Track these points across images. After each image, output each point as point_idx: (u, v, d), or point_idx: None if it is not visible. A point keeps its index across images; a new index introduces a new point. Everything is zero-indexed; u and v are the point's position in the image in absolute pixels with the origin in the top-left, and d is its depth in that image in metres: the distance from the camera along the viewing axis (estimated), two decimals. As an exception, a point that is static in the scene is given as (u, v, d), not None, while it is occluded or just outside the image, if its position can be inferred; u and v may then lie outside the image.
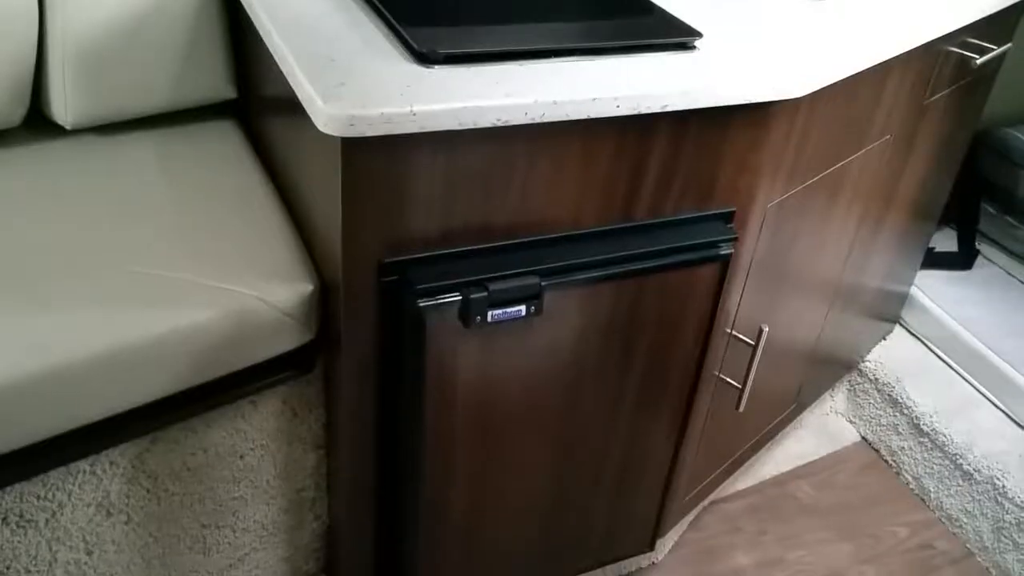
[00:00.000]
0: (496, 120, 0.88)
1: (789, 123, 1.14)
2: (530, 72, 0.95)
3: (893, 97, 1.38)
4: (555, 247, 1.04)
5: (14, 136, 1.27)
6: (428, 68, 0.93)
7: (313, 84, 0.87)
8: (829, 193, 1.37)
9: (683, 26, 1.10)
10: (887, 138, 1.45)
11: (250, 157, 1.30)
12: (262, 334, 1.05)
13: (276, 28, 0.99)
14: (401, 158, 0.90)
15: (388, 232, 0.94)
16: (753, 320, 1.35)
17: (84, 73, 1.22)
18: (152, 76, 1.27)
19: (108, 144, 1.28)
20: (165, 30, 1.25)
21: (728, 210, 1.15)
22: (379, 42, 0.98)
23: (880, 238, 1.70)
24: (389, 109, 0.84)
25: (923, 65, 1.42)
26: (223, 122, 1.39)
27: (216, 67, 1.32)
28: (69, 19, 1.18)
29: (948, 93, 1.59)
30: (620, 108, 0.94)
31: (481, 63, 0.95)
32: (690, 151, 1.06)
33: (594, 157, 1.00)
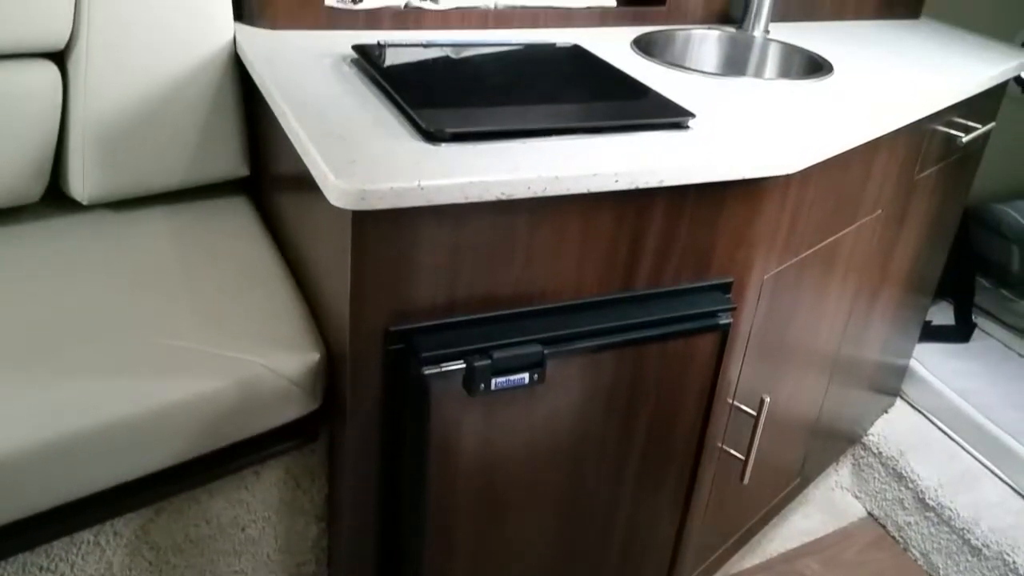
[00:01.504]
0: (500, 194, 0.92)
1: (782, 198, 1.18)
2: (532, 149, 0.99)
3: (883, 173, 1.43)
4: (557, 316, 1.06)
5: (32, 211, 1.31)
6: (435, 146, 0.97)
7: (326, 161, 0.91)
8: (824, 266, 1.41)
9: (677, 107, 1.15)
10: (879, 213, 1.49)
11: (261, 232, 1.34)
12: (269, 403, 1.07)
13: (291, 109, 1.04)
14: (409, 230, 0.93)
15: (394, 301, 0.97)
16: (755, 391, 1.37)
17: (103, 151, 1.27)
18: (169, 154, 1.32)
19: (123, 219, 1.32)
20: (184, 110, 1.31)
21: (726, 281, 1.18)
22: (389, 122, 1.03)
23: (877, 311, 1.72)
24: (398, 184, 0.88)
25: (911, 143, 1.47)
26: (236, 198, 1.43)
27: (231, 146, 1.37)
28: (92, 99, 1.24)
29: (937, 170, 1.64)
30: (619, 183, 0.98)
31: (486, 141, 1.00)
32: (687, 224, 1.10)
33: (594, 229, 1.04)
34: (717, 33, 1.64)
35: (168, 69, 1.27)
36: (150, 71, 1.26)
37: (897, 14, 1.92)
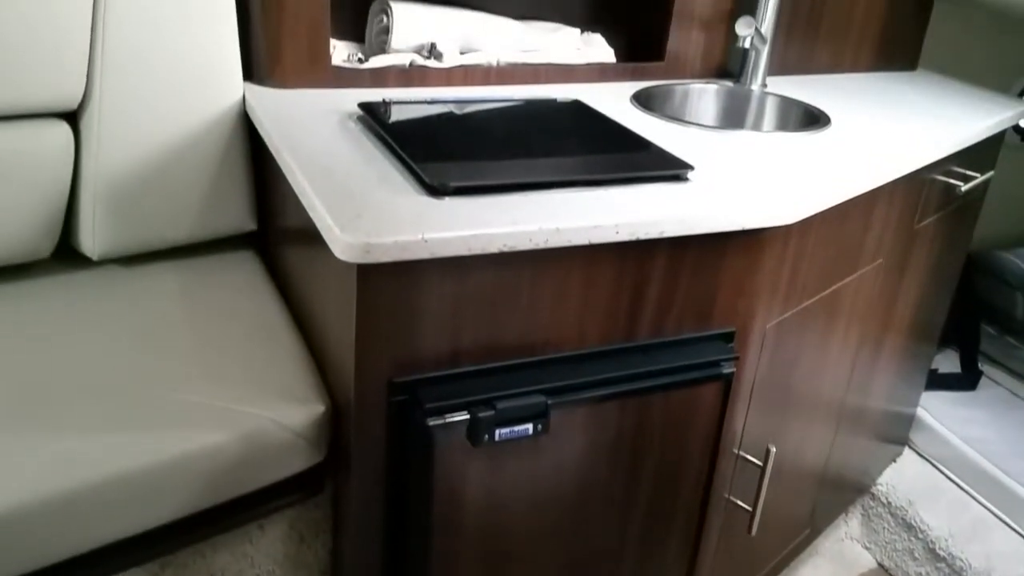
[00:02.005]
0: (503, 246, 0.94)
1: (782, 248, 1.19)
2: (534, 202, 1.01)
3: (882, 223, 1.44)
4: (561, 366, 1.07)
5: (42, 267, 1.33)
6: (439, 200, 0.99)
7: (332, 215, 0.93)
8: (827, 315, 1.41)
9: (676, 159, 1.17)
10: (879, 262, 1.50)
11: (267, 285, 1.36)
12: (274, 455, 1.07)
13: (298, 166, 1.06)
14: (413, 283, 0.95)
15: (399, 353, 0.98)
16: (760, 440, 1.36)
17: (114, 208, 1.29)
18: (178, 210, 1.35)
19: (132, 274, 1.34)
20: (193, 167, 1.33)
21: (728, 330, 1.19)
22: (393, 177, 1.05)
23: (882, 359, 1.72)
24: (403, 237, 0.89)
25: (909, 192, 1.49)
26: (243, 252, 1.45)
27: (239, 201, 1.40)
28: (103, 157, 1.26)
29: (937, 219, 1.66)
30: (619, 234, 1.00)
31: (489, 194, 1.02)
32: (688, 274, 1.11)
33: (596, 280, 1.05)
34: (715, 87, 1.67)
35: (179, 127, 1.30)
36: (161, 129, 1.29)
37: (894, 66, 1.96)
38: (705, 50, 1.68)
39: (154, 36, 1.24)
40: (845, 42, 1.84)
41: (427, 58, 1.47)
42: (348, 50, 1.49)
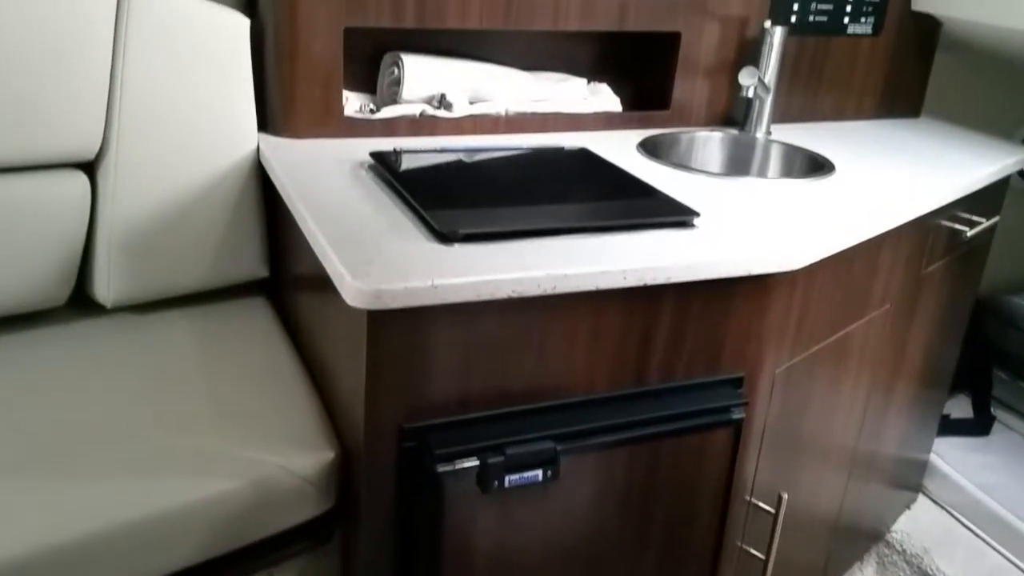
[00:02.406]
0: (512, 292, 0.95)
1: (789, 293, 1.20)
2: (543, 248, 1.02)
3: (889, 268, 1.45)
4: (570, 412, 1.07)
5: (57, 314, 1.35)
6: (448, 246, 1.01)
7: (343, 262, 0.94)
8: (836, 360, 1.41)
9: (682, 206, 1.19)
10: (887, 307, 1.51)
11: (279, 332, 1.37)
12: (283, 503, 1.07)
13: (311, 214, 1.08)
14: (423, 329, 0.96)
15: (409, 399, 0.99)
16: (772, 487, 1.36)
17: (128, 257, 1.32)
18: (192, 259, 1.37)
19: (145, 322, 1.36)
20: (207, 216, 1.36)
21: (737, 375, 1.19)
22: (404, 224, 1.07)
23: (893, 405, 1.72)
24: (412, 283, 0.91)
25: (915, 238, 1.50)
26: (255, 299, 1.47)
27: (252, 249, 1.42)
28: (119, 206, 1.29)
29: (944, 264, 1.66)
30: (627, 280, 1.01)
31: (497, 241, 1.03)
32: (696, 320, 1.12)
33: (605, 326, 1.06)
34: (720, 135, 1.69)
35: (194, 177, 1.33)
36: (176, 179, 1.32)
37: (897, 114, 1.98)
38: (710, 99, 1.71)
39: (171, 88, 1.28)
40: (848, 90, 1.87)
41: (437, 108, 1.50)
42: (360, 101, 1.52)
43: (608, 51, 1.71)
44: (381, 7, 1.38)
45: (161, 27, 1.24)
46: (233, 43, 1.31)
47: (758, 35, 1.68)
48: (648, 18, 1.58)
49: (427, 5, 1.40)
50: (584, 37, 1.68)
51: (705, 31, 1.64)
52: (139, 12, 1.23)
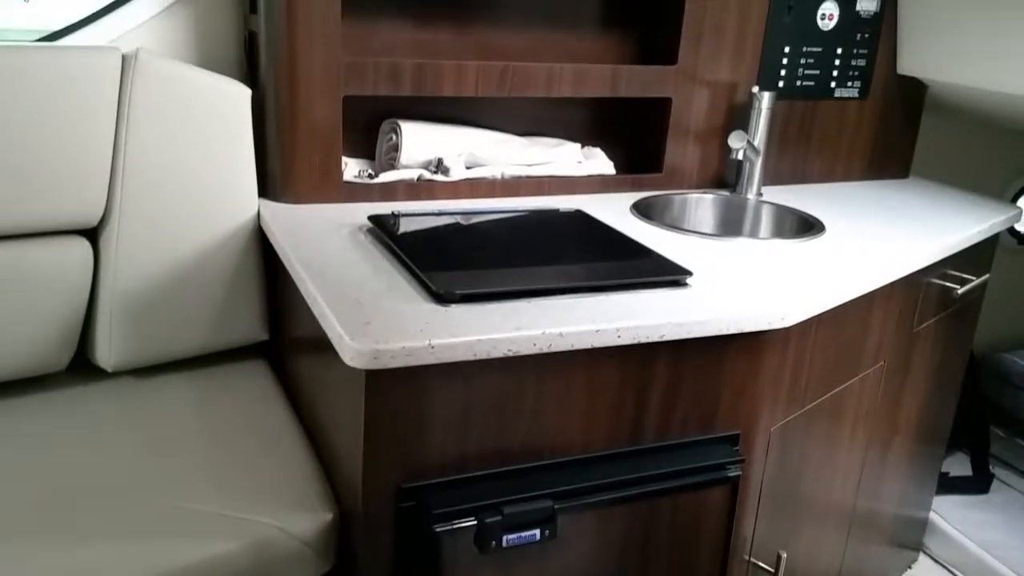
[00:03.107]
0: (508, 351, 0.96)
1: (782, 351, 1.21)
2: (538, 307, 1.04)
3: (881, 326, 1.47)
4: (567, 471, 1.08)
5: (58, 378, 1.36)
6: (445, 307, 1.02)
7: (342, 324, 0.96)
8: (832, 418, 1.42)
9: (676, 266, 1.21)
10: (881, 364, 1.52)
11: (277, 394, 1.38)
12: (282, 565, 1.07)
13: (310, 276, 1.10)
14: (420, 388, 0.97)
15: (406, 459, 0.99)
16: (771, 546, 1.35)
17: (130, 321, 1.33)
18: (192, 323, 1.38)
19: (145, 386, 1.37)
20: (208, 281, 1.38)
21: (733, 433, 1.20)
22: (401, 286, 1.09)
23: (890, 462, 1.72)
24: (410, 343, 0.92)
25: (906, 295, 1.52)
26: (253, 361, 1.48)
27: (251, 312, 1.44)
28: (121, 272, 1.31)
29: (936, 321, 1.68)
30: (621, 338, 1.02)
31: (493, 301, 1.05)
32: (691, 378, 1.13)
33: (600, 384, 1.07)
34: (712, 196, 1.73)
35: (195, 243, 1.35)
36: (178, 245, 1.34)
37: (886, 175, 2.02)
38: (701, 162, 1.75)
39: (174, 156, 1.31)
40: (837, 152, 1.91)
41: (434, 173, 1.53)
42: (359, 167, 1.55)
43: (601, 116, 1.76)
44: (379, 76, 1.42)
45: (165, 97, 1.28)
46: (235, 112, 1.35)
47: (747, 100, 1.73)
48: (639, 85, 1.63)
49: (424, 74, 1.45)
50: (577, 103, 1.73)
51: (695, 96, 1.69)
52: (144, 82, 1.26)
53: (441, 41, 1.57)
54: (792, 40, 1.74)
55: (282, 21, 1.33)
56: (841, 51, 1.80)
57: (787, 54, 1.75)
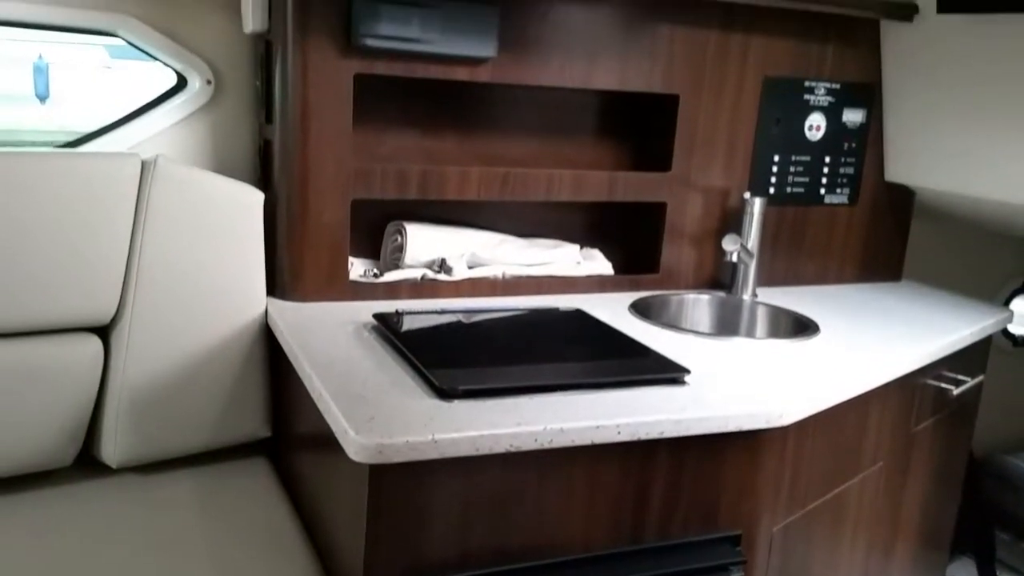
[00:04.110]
0: (509, 446, 0.98)
1: (781, 450, 1.23)
2: (539, 404, 1.06)
3: (878, 426, 1.48)
4: (567, 571, 1.07)
5: (62, 474, 1.37)
6: (448, 402, 1.04)
7: (347, 418, 0.98)
8: (833, 519, 1.42)
9: (674, 364, 1.23)
10: (880, 465, 1.52)
11: (279, 492, 1.38)
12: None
13: (316, 372, 1.12)
14: (423, 484, 0.98)
15: (408, 557, 0.99)
16: (775, 652, 1.33)
17: (136, 419, 1.35)
18: (197, 420, 1.40)
19: (148, 482, 1.37)
20: (214, 378, 1.40)
21: (735, 533, 1.20)
22: (405, 381, 1.11)
23: (894, 567, 1.69)
24: (413, 438, 0.94)
25: (902, 396, 1.54)
26: (256, 459, 1.48)
27: (255, 410, 1.45)
28: (130, 370, 1.33)
29: (933, 422, 1.69)
30: (621, 434, 1.04)
31: (495, 397, 1.07)
32: (691, 475, 1.14)
33: (601, 481, 1.08)
34: (708, 297, 1.77)
35: (204, 340, 1.38)
36: (187, 342, 1.37)
37: (878, 277, 2.06)
38: (697, 263, 1.80)
39: (187, 257, 1.35)
40: (829, 256, 1.96)
41: (438, 272, 1.58)
42: (364, 266, 1.60)
43: (599, 219, 1.82)
44: (387, 180, 1.48)
45: (181, 201, 1.33)
46: (248, 215, 1.40)
47: (739, 205, 1.79)
48: (635, 190, 1.69)
49: (429, 178, 1.51)
50: (576, 206, 1.79)
51: (689, 201, 1.75)
52: (162, 187, 1.32)
53: (446, 148, 1.64)
54: (781, 149, 1.82)
55: (296, 131, 1.40)
56: (829, 160, 1.88)
57: (777, 162, 1.82)
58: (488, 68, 1.51)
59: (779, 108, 1.79)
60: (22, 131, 6.07)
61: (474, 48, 1.46)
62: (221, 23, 1.52)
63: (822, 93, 1.82)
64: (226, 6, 1.51)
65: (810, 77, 1.80)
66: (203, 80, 1.51)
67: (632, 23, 1.60)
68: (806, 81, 1.80)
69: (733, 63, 1.72)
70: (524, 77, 1.55)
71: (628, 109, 1.77)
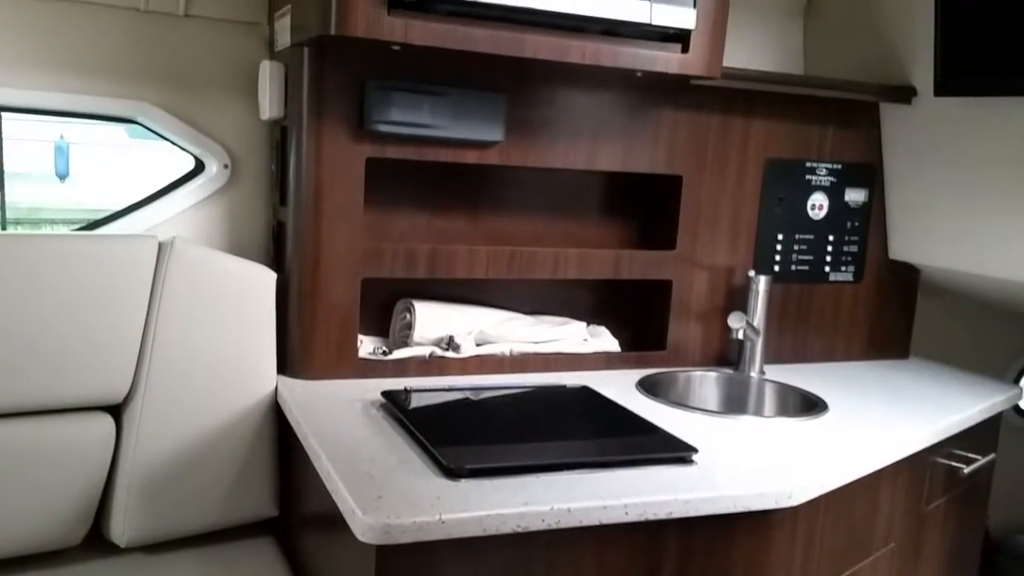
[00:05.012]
0: (516, 526, 0.98)
1: (791, 530, 1.22)
2: (546, 483, 1.06)
3: (890, 506, 1.47)
4: (576, 654, 1.06)
5: (70, 553, 1.36)
6: (455, 482, 1.05)
7: (354, 498, 0.98)
8: (846, 601, 1.39)
9: (682, 443, 1.23)
10: (892, 546, 1.50)
11: (285, 572, 1.37)
12: None
13: (324, 451, 1.13)
14: (430, 565, 0.98)
15: (414, 639, 0.98)
16: None
17: (145, 499, 1.35)
18: (205, 500, 1.40)
19: (156, 562, 1.36)
20: (223, 457, 1.40)
21: (745, 617, 1.18)
22: (413, 460, 1.12)
23: (913, 651, 1.65)
24: (420, 518, 0.94)
25: (913, 475, 1.53)
26: (263, 539, 1.48)
27: (263, 489, 1.45)
28: (141, 449, 1.34)
29: (945, 501, 1.67)
30: (628, 514, 1.04)
31: (502, 476, 1.07)
32: (701, 557, 1.13)
33: (609, 562, 1.07)
34: (716, 374, 1.77)
35: (214, 419, 1.39)
36: (198, 421, 1.38)
37: (886, 354, 2.07)
38: (704, 340, 1.81)
39: (201, 336, 1.37)
40: (836, 333, 1.97)
41: (446, 350, 1.59)
42: (373, 344, 1.62)
43: (606, 296, 1.84)
44: (396, 260, 1.51)
45: (196, 281, 1.36)
46: (260, 295, 1.42)
47: (744, 282, 1.81)
48: (641, 268, 1.72)
49: (438, 257, 1.54)
50: (583, 284, 1.81)
51: (694, 279, 1.78)
52: (177, 268, 1.35)
53: (455, 227, 1.68)
54: (785, 228, 1.85)
55: (309, 213, 1.44)
56: (833, 238, 1.91)
57: (780, 240, 1.85)
58: (496, 151, 1.56)
59: (781, 188, 1.82)
60: (42, 209, 6.20)
61: (482, 133, 1.51)
62: (238, 110, 1.57)
63: (823, 173, 1.86)
64: (243, 94, 1.57)
65: (811, 158, 1.85)
66: (220, 164, 1.56)
67: (634, 107, 1.65)
68: (807, 162, 1.84)
69: (735, 145, 1.76)
70: (530, 159, 1.59)
71: (633, 188, 1.81)
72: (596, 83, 1.62)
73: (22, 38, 1.41)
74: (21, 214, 6.02)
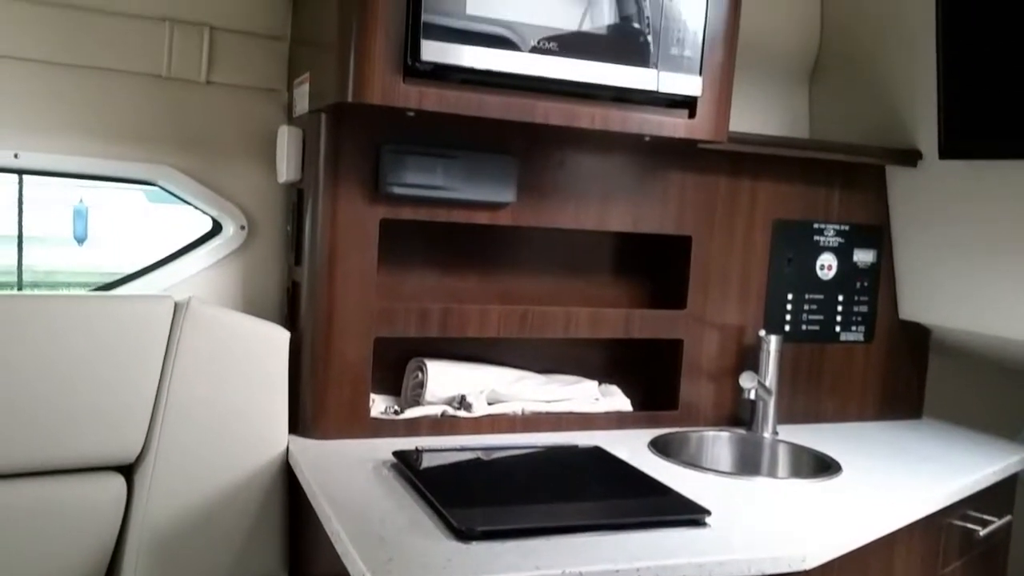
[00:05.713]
0: (528, 591, 0.97)
1: (805, 594, 1.20)
2: (557, 546, 1.06)
3: (905, 569, 1.45)
4: None
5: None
6: (466, 544, 1.04)
7: (365, 561, 0.98)
8: (864, 668, 1.37)
9: (694, 505, 1.23)
10: (910, 610, 1.48)
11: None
12: None
13: (334, 512, 1.13)
14: (440, 628, 0.97)
15: None
16: None
17: (155, 558, 1.34)
18: (215, 561, 1.39)
19: (161, 625, 1.36)
20: (234, 516, 1.40)
21: None
22: (424, 522, 1.11)
23: None
24: (431, 582, 0.94)
25: (927, 538, 1.51)
26: (271, 601, 1.47)
27: (272, 550, 1.45)
28: (152, 509, 1.34)
29: (961, 564, 1.65)
30: (641, 578, 1.03)
31: (514, 539, 1.07)
32: (713, 622, 1.12)
33: (621, 627, 1.06)
34: (728, 435, 1.77)
35: (225, 479, 1.39)
36: (209, 481, 1.38)
37: (898, 415, 2.05)
38: (716, 400, 1.81)
39: (214, 396, 1.38)
40: (848, 393, 1.96)
41: (457, 409, 1.60)
42: (385, 403, 1.62)
43: (617, 355, 1.84)
44: (409, 319, 1.52)
45: (211, 341, 1.38)
46: (274, 355, 1.44)
47: (755, 342, 1.81)
48: (651, 327, 1.73)
49: (450, 316, 1.55)
50: (594, 343, 1.82)
51: (705, 338, 1.78)
52: (192, 328, 1.36)
53: (467, 287, 1.70)
54: (794, 288, 1.86)
55: (323, 273, 1.46)
56: (843, 298, 1.91)
57: (791, 300, 1.86)
58: (508, 212, 1.58)
59: (790, 248, 1.84)
60: (58, 272, 6.26)
61: (495, 194, 1.54)
62: (256, 173, 1.61)
63: (832, 234, 1.88)
64: (261, 157, 1.61)
65: (819, 219, 1.87)
66: (237, 226, 1.59)
67: (644, 169, 1.68)
68: (815, 223, 1.86)
69: (743, 206, 1.78)
70: (542, 220, 1.62)
71: (643, 248, 1.82)
72: (605, 146, 1.65)
73: (47, 103, 1.45)
74: (38, 277, 6.09)
